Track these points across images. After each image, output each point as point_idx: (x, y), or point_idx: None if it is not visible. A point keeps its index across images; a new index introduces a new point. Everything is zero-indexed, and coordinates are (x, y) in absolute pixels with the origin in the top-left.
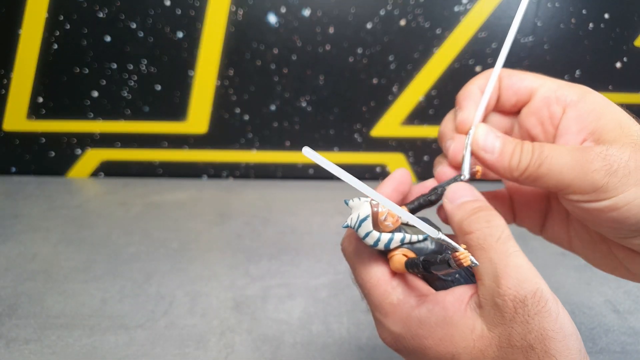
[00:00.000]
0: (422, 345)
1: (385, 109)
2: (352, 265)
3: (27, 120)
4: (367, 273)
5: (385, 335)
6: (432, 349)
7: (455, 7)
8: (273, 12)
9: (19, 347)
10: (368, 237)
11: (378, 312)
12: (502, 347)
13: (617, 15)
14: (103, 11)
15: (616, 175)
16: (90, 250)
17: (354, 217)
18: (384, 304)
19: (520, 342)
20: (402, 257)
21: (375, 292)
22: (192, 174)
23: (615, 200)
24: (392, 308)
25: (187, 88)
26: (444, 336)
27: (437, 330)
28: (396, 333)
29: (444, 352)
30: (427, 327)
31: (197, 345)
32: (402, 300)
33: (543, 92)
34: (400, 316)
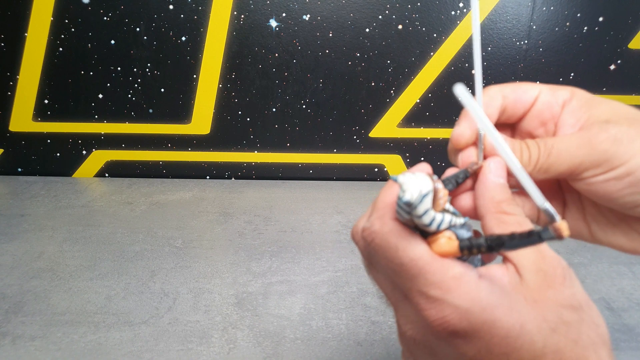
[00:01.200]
0: (492, 317)
1: (383, 112)
2: (392, 246)
3: (33, 121)
4: (417, 250)
5: (446, 312)
6: (502, 320)
7: (451, 11)
8: (274, 17)
9: (25, 344)
10: (425, 215)
11: (437, 288)
12: (558, 308)
13: (611, 19)
14: (108, 15)
15: (622, 142)
16: (95, 249)
17: (415, 192)
18: (446, 279)
19: (574, 302)
20: (450, 240)
21: (432, 267)
22: (195, 175)
23: (627, 166)
24: (456, 282)
25: (191, 91)
26: (510, 304)
27: (504, 299)
28: (463, 307)
29: (512, 322)
30: (496, 297)
31: (200, 341)
32: (465, 273)
33: (543, 97)
34: (468, 288)
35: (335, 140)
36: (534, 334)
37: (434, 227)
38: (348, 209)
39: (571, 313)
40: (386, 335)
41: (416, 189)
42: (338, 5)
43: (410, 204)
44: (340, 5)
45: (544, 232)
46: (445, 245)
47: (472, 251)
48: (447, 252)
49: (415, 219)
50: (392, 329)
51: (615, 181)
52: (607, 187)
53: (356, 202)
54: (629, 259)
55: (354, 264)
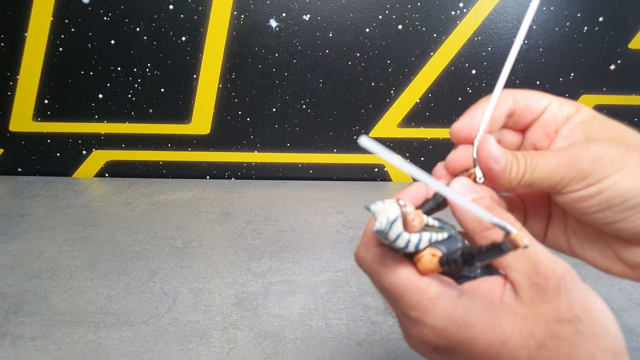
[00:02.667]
0: (469, 335)
1: (383, 112)
2: (374, 272)
3: (33, 121)
4: (395, 276)
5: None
6: (480, 337)
7: (451, 12)
8: (274, 17)
9: (25, 344)
10: (399, 239)
11: (415, 310)
12: (550, 323)
13: (611, 19)
14: (108, 15)
15: (601, 161)
16: (95, 249)
17: (384, 220)
18: (422, 301)
19: (569, 314)
20: (433, 257)
21: (409, 291)
22: (195, 175)
23: (600, 185)
24: (432, 302)
25: (191, 91)
26: (490, 321)
27: (483, 316)
28: (439, 327)
29: (492, 339)
30: (473, 315)
31: (200, 341)
32: (442, 293)
33: (551, 109)
34: (443, 308)
35: (335, 140)
36: (518, 349)
37: (412, 248)
38: (348, 209)
39: (566, 327)
40: (386, 335)
41: (384, 216)
42: (338, 5)
43: (382, 231)
44: (340, 5)
45: (503, 244)
46: (427, 263)
47: (450, 266)
48: (430, 269)
49: (392, 243)
50: (392, 329)
51: (586, 199)
52: (579, 204)
53: (356, 202)
54: None
55: (353, 264)
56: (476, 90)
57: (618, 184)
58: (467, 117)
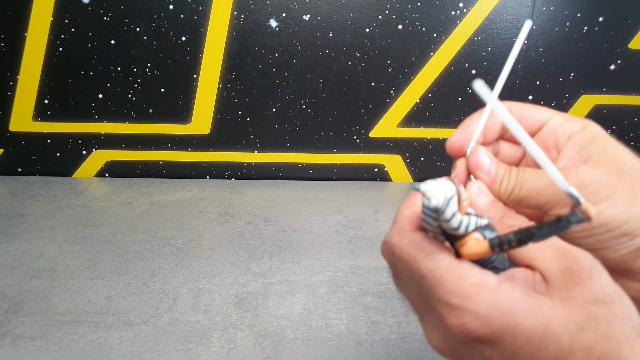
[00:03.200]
0: (512, 322)
1: (383, 112)
2: (410, 258)
3: (33, 121)
4: (435, 260)
5: (466, 320)
6: (524, 324)
7: (451, 11)
8: (274, 17)
9: (25, 344)
10: (453, 219)
11: (457, 297)
12: (587, 305)
13: (611, 19)
14: (108, 15)
15: (588, 188)
16: (95, 249)
17: (441, 197)
18: (465, 286)
19: (603, 295)
20: (479, 241)
21: (450, 276)
22: (195, 175)
23: None
24: (475, 289)
25: (191, 91)
26: (532, 307)
27: (525, 303)
28: (483, 314)
29: (535, 324)
30: (516, 301)
31: (200, 341)
32: (483, 280)
33: (552, 123)
34: (486, 294)
35: (335, 140)
36: (560, 333)
37: (463, 229)
38: (348, 209)
39: (601, 308)
40: (386, 335)
41: (441, 193)
42: (338, 5)
43: (438, 209)
44: (340, 5)
45: (571, 216)
46: (476, 246)
47: (503, 247)
48: (479, 252)
49: (444, 223)
50: (392, 329)
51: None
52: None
53: (356, 202)
54: None
55: (354, 264)
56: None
57: (603, 213)
58: (461, 130)
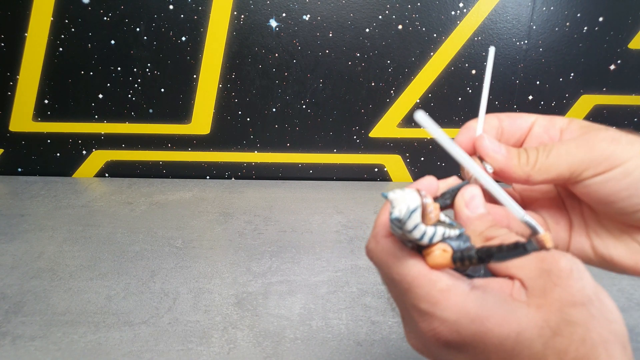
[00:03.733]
0: (483, 329)
1: (383, 112)
2: (384, 263)
3: (33, 121)
4: (405, 266)
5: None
6: (495, 331)
7: (451, 11)
8: (274, 17)
9: (25, 344)
10: (415, 230)
11: (425, 302)
12: (564, 308)
13: (611, 19)
14: (108, 15)
15: (620, 142)
16: (95, 249)
17: (403, 208)
18: (433, 292)
19: (581, 297)
20: (444, 252)
21: (419, 282)
22: (195, 175)
23: (626, 167)
24: (443, 294)
25: (191, 91)
26: (505, 314)
27: (497, 309)
28: (451, 320)
29: (507, 332)
30: (487, 308)
31: (200, 341)
32: (453, 285)
33: (540, 122)
34: (455, 301)
35: (335, 140)
36: (534, 339)
37: (426, 240)
38: (348, 209)
39: (579, 311)
40: (386, 335)
41: (404, 205)
42: (338, 5)
43: (400, 220)
44: (340, 5)
45: (528, 244)
46: (439, 258)
47: (464, 262)
48: (441, 264)
49: (407, 233)
50: (392, 329)
51: (614, 182)
52: (606, 189)
53: (356, 202)
54: None
55: (354, 264)
56: (476, 91)
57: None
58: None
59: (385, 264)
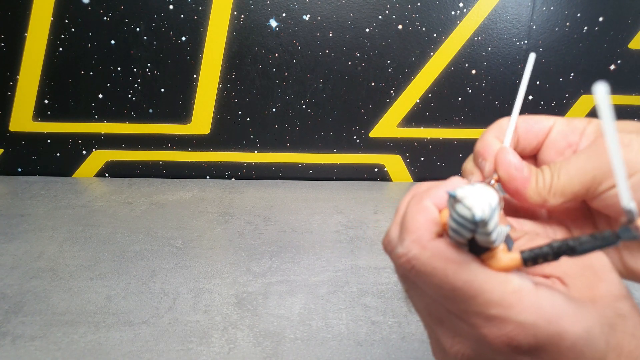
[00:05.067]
0: (559, 329)
1: (383, 112)
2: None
3: (33, 121)
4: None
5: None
6: (569, 331)
7: (451, 11)
8: (274, 17)
9: (25, 344)
10: (494, 232)
11: (498, 306)
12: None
13: (611, 19)
14: (108, 15)
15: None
16: (95, 249)
17: (486, 207)
18: (506, 295)
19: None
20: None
21: (489, 286)
22: (195, 175)
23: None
24: (517, 296)
25: (191, 91)
26: (574, 312)
27: (567, 307)
28: (528, 323)
29: (580, 330)
30: (559, 306)
31: (200, 340)
32: (522, 285)
33: (558, 127)
34: (529, 301)
35: (335, 140)
36: (598, 337)
37: (498, 242)
38: (348, 209)
39: (624, 304)
40: (386, 335)
41: (486, 203)
42: (338, 5)
43: (483, 222)
44: (340, 5)
45: (622, 231)
46: (506, 260)
47: (537, 261)
48: (510, 266)
49: (483, 236)
50: (392, 329)
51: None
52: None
53: (356, 202)
54: None
55: (354, 264)
56: (476, 91)
57: None
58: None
59: (442, 272)
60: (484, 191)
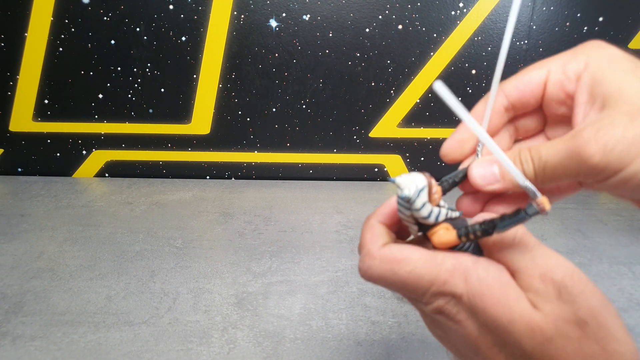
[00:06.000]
0: (482, 304)
1: (383, 112)
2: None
3: (33, 121)
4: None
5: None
6: (492, 309)
7: (451, 11)
8: (274, 17)
9: (25, 344)
10: (423, 208)
11: (435, 284)
12: (557, 321)
13: (611, 18)
14: (108, 15)
15: (613, 152)
16: (95, 249)
17: (412, 188)
18: (441, 273)
19: (574, 317)
20: (448, 230)
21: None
22: (195, 175)
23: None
24: (450, 273)
25: (191, 90)
26: (501, 296)
27: (495, 288)
28: (458, 293)
29: (501, 315)
30: (486, 285)
31: (200, 341)
32: (456, 263)
33: (553, 78)
34: (460, 275)
35: (335, 140)
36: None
37: (432, 219)
38: (348, 209)
39: (572, 327)
40: (386, 335)
41: (412, 184)
42: (338, 5)
43: (409, 199)
44: (340, 5)
45: (528, 208)
46: (445, 235)
47: (469, 237)
48: (447, 241)
49: (415, 212)
50: (392, 329)
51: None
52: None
53: (356, 202)
54: (629, 259)
55: (354, 264)
56: (476, 90)
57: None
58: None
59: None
60: (415, 177)
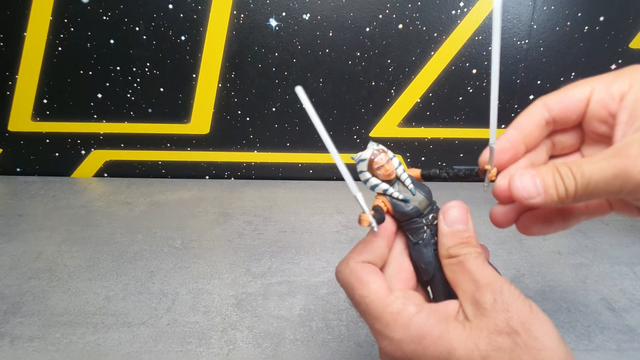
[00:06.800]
0: (421, 347)
1: (384, 111)
2: (349, 285)
3: (32, 121)
4: (366, 289)
5: (385, 343)
6: (430, 349)
7: (452, 11)
8: (273, 16)
9: (23, 345)
10: (361, 175)
11: (379, 322)
12: (491, 335)
13: (612, 18)
14: (107, 14)
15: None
16: (94, 249)
17: (358, 156)
18: (385, 314)
19: (506, 327)
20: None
21: (375, 304)
22: (194, 175)
23: None
24: (393, 317)
25: (190, 90)
26: (440, 334)
27: (434, 329)
28: (397, 339)
29: (440, 350)
30: (426, 328)
31: (200, 342)
32: (402, 309)
33: (596, 96)
34: (402, 322)
35: (335, 140)
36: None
37: (369, 187)
38: (348, 209)
39: (504, 339)
40: None
41: (358, 155)
42: (338, 5)
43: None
44: (340, 5)
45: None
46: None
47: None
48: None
49: (359, 175)
50: None
51: None
52: None
53: (356, 202)
54: (631, 259)
55: None
56: (477, 90)
57: None
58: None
59: (351, 286)
60: (368, 151)
